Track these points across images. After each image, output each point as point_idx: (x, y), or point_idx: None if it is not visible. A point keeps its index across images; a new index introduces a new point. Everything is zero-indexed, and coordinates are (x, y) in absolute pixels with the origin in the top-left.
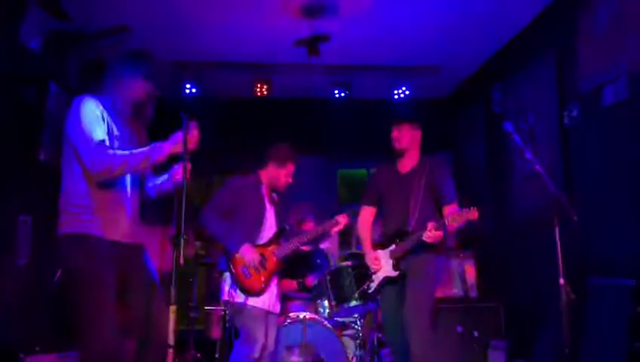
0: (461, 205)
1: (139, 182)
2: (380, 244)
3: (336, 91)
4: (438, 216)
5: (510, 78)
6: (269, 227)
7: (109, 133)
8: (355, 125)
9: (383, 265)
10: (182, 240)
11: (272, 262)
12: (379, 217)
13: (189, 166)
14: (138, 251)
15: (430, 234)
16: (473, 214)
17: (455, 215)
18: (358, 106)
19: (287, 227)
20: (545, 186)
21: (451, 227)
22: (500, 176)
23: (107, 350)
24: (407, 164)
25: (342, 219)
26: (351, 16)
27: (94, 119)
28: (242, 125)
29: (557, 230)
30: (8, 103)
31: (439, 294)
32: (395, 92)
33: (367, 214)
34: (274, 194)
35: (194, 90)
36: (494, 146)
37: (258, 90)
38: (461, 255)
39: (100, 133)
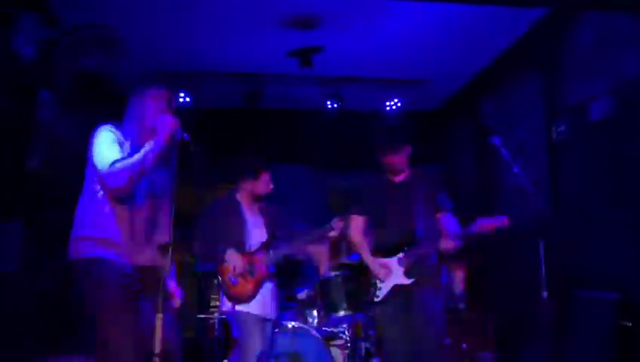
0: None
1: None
2: (381, 253)
3: (328, 102)
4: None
5: (500, 91)
6: (258, 236)
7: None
8: (346, 136)
9: (392, 272)
10: (170, 249)
11: (261, 269)
12: (370, 227)
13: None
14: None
15: (450, 243)
16: (504, 221)
17: (485, 222)
18: (349, 117)
19: (278, 234)
20: (531, 200)
21: (480, 233)
22: (488, 189)
23: None
24: (401, 174)
25: (337, 225)
26: (343, 28)
27: (109, 142)
28: (233, 135)
29: (541, 243)
30: (1, 111)
31: None
32: (387, 104)
33: (358, 223)
34: (260, 204)
35: (187, 100)
36: (483, 159)
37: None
38: (450, 266)
39: (113, 154)
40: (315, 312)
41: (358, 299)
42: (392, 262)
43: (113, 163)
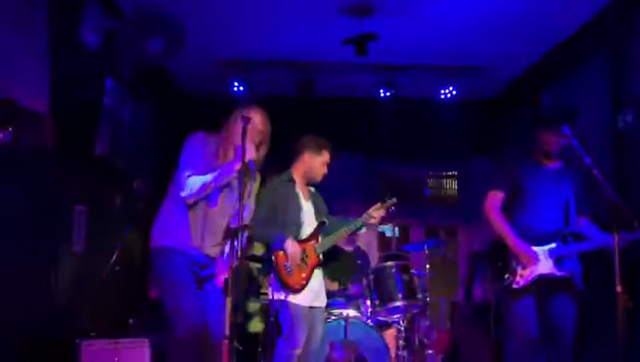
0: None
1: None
2: (528, 239)
3: (381, 90)
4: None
5: (561, 80)
6: (308, 223)
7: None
8: (399, 124)
9: (539, 261)
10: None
11: (312, 258)
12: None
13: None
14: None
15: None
16: None
17: None
18: (403, 106)
19: (327, 222)
20: (597, 192)
21: None
22: None
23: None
24: (555, 161)
25: (375, 213)
26: (398, 15)
27: (192, 154)
28: (288, 124)
29: (615, 236)
30: (69, 99)
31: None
32: (442, 92)
33: (497, 201)
34: (310, 188)
35: (241, 88)
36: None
37: None
38: None
39: (191, 167)
40: (368, 301)
41: (413, 289)
42: (540, 251)
43: (189, 176)
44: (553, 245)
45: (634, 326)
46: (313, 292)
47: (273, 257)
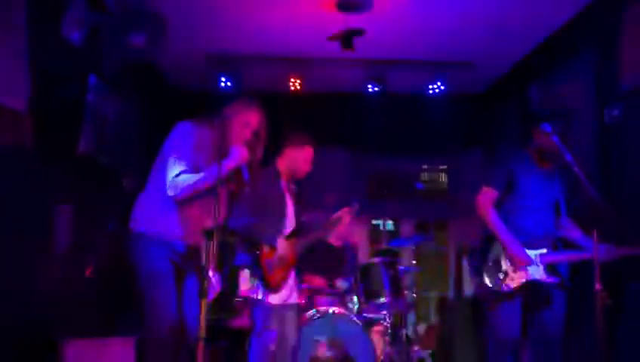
0: None
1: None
2: (519, 239)
3: (369, 86)
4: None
5: (548, 75)
6: (289, 221)
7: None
8: (387, 119)
9: (532, 266)
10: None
11: (291, 257)
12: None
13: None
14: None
15: (611, 254)
16: None
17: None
18: (391, 101)
19: (305, 221)
20: (579, 190)
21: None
22: None
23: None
24: (548, 163)
25: (342, 217)
26: (386, 10)
27: (182, 147)
28: (276, 120)
29: (595, 234)
30: (50, 96)
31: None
32: (430, 87)
33: (490, 198)
34: (292, 185)
35: (229, 84)
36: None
37: (291, 84)
38: None
39: (180, 165)
40: (355, 298)
41: (399, 285)
42: (532, 255)
43: (178, 174)
44: (544, 250)
45: (613, 323)
46: (285, 291)
47: (258, 252)
